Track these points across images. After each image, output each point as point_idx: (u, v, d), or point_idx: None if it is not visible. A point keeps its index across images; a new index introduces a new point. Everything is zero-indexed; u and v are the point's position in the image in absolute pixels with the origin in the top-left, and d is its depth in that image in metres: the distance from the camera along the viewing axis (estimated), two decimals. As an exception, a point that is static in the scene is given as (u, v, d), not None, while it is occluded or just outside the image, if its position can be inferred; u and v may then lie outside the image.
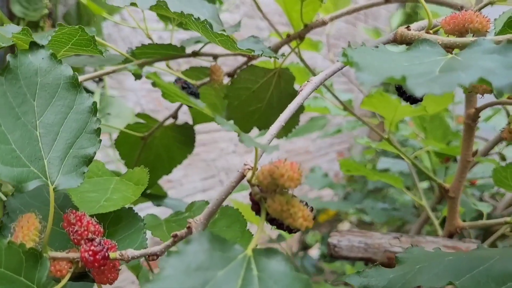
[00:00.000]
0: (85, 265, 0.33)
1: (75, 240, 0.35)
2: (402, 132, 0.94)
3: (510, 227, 0.77)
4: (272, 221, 0.32)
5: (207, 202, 0.57)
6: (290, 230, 0.31)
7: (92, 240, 0.34)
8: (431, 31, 0.41)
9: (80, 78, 0.46)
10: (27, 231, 0.33)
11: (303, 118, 1.41)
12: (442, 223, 0.82)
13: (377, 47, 0.35)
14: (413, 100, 0.38)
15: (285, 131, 0.75)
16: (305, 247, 2.89)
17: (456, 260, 0.35)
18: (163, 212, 0.63)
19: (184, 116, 0.86)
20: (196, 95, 0.69)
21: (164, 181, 0.97)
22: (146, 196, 0.88)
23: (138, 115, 0.78)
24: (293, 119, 0.74)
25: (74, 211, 0.35)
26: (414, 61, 0.31)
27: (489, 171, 1.15)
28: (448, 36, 0.38)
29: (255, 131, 0.75)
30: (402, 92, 0.38)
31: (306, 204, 0.32)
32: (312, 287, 0.25)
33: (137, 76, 0.59)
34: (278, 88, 0.68)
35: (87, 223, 0.35)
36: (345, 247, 0.71)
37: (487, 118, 1.16)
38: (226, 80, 0.72)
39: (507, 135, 0.46)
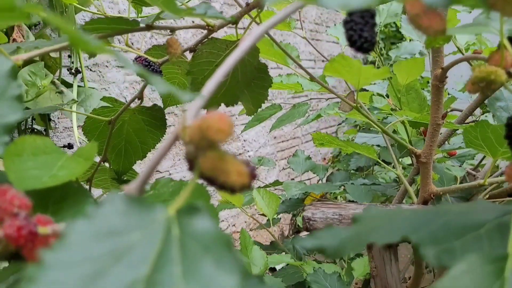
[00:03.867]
0: (10, 242, 0.30)
1: (-1, 217, 0.31)
2: (375, 105, 0.91)
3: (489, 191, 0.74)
4: (207, 180, 0.28)
5: (171, 180, 0.54)
6: (227, 189, 0.28)
7: (16, 214, 0.30)
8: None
9: (23, 56, 0.42)
10: None
11: (285, 107, 1.37)
12: (418, 192, 0.79)
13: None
14: (361, 48, 0.34)
15: (254, 106, 0.71)
16: (297, 231, 2.87)
17: (413, 215, 0.32)
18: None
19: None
20: (158, 72, 0.66)
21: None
22: (122, 182, 0.84)
23: (104, 98, 0.73)
24: (261, 94, 0.70)
25: (-2, 185, 0.31)
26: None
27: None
28: None
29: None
30: (353, 42, 0.34)
31: (248, 163, 0.29)
32: (232, 245, 0.21)
33: (92, 56, 0.55)
34: (242, 61, 0.64)
35: (11, 197, 0.31)
36: (320, 219, 0.68)
37: (464, 88, 1.13)
38: (189, 57, 0.68)
39: (471, 87, 0.43)
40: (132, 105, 0.74)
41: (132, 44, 1.86)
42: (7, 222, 0.30)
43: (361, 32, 0.35)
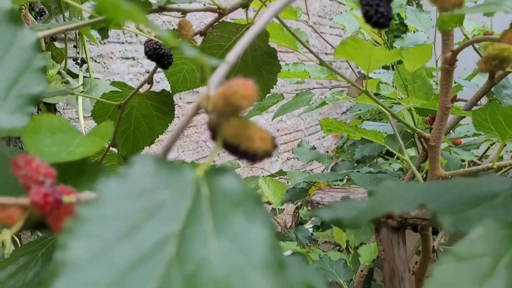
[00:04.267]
0: (37, 209, 0.30)
1: (25, 185, 0.32)
2: (383, 93, 0.91)
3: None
4: (230, 148, 0.29)
5: (183, 161, 0.55)
6: (250, 156, 0.28)
7: (42, 182, 0.31)
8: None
9: (41, 34, 0.42)
10: (-30, 175, 0.30)
11: (287, 96, 1.37)
12: (425, 179, 0.80)
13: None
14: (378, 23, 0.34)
15: (263, 91, 0.72)
16: (300, 223, 2.88)
17: (427, 187, 0.33)
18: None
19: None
20: (168, 56, 0.66)
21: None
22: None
23: (113, 83, 0.74)
24: (270, 79, 0.70)
25: (23, 154, 0.32)
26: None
27: (473, 130, 1.13)
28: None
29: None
30: (369, 17, 0.35)
31: (268, 133, 0.29)
32: (261, 201, 0.22)
33: (104, 35, 0.55)
34: (252, 45, 0.64)
35: (37, 166, 0.32)
36: (328, 203, 0.69)
37: (470, 76, 1.13)
38: (199, 41, 0.69)
39: (483, 66, 0.43)
40: (141, 91, 0.75)
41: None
42: (33, 189, 0.31)
43: (377, 7, 0.35)
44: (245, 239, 0.21)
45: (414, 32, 1.51)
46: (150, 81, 0.71)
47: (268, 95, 0.74)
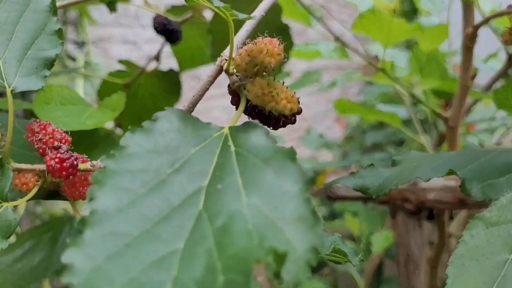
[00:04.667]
0: (52, 175, 0.31)
1: (40, 150, 0.32)
2: (396, 74, 0.91)
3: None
4: (253, 111, 0.29)
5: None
6: (274, 120, 0.29)
7: (58, 147, 0.31)
8: None
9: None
10: (-16, 137, 0.30)
11: (296, 75, 1.37)
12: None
13: None
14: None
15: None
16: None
17: (454, 156, 0.33)
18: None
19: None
20: (177, 32, 0.66)
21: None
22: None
23: (120, 61, 0.74)
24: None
25: (37, 120, 0.32)
26: None
27: (489, 113, 1.13)
28: None
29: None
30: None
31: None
32: (295, 157, 0.22)
33: (112, 8, 0.55)
34: (264, 20, 0.64)
35: (52, 131, 0.32)
36: (343, 187, 0.69)
37: (486, 59, 1.12)
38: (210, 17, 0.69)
39: (508, 38, 0.43)
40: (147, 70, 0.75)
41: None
42: (49, 154, 0.31)
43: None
44: (277, 194, 0.21)
45: (426, 16, 1.50)
46: (157, 57, 0.71)
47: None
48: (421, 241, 0.67)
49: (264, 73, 0.28)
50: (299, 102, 0.28)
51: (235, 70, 0.29)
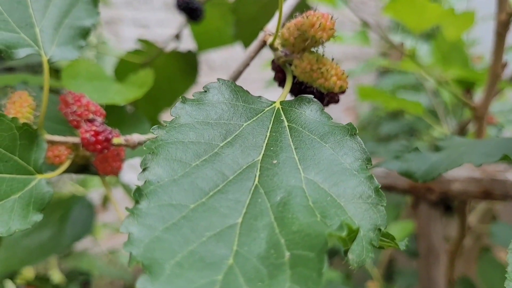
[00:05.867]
0: (86, 148, 0.30)
1: (74, 122, 0.31)
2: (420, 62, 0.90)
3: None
4: (299, 87, 0.28)
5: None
6: (321, 96, 0.28)
7: (93, 120, 0.31)
8: None
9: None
10: (20, 107, 0.29)
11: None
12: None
13: None
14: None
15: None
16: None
17: (503, 141, 0.32)
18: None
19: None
20: (200, 10, 0.65)
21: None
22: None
23: (140, 40, 0.73)
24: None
25: (71, 91, 0.32)
26: None
27: (507, 105, 1.11)
28: None
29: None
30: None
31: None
32: (354, 132, 0.22)
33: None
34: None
35: (86, 103, 0.31)
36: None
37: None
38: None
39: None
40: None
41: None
42: (84, 127, 0.30)
43: None
44: (336, 170, 0.20)
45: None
46: (177, 35, 0.70)
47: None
48: (441, 233, 0.67)
49: (312, 49, 0.27)
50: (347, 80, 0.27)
51: (280, 46, 0.28)
